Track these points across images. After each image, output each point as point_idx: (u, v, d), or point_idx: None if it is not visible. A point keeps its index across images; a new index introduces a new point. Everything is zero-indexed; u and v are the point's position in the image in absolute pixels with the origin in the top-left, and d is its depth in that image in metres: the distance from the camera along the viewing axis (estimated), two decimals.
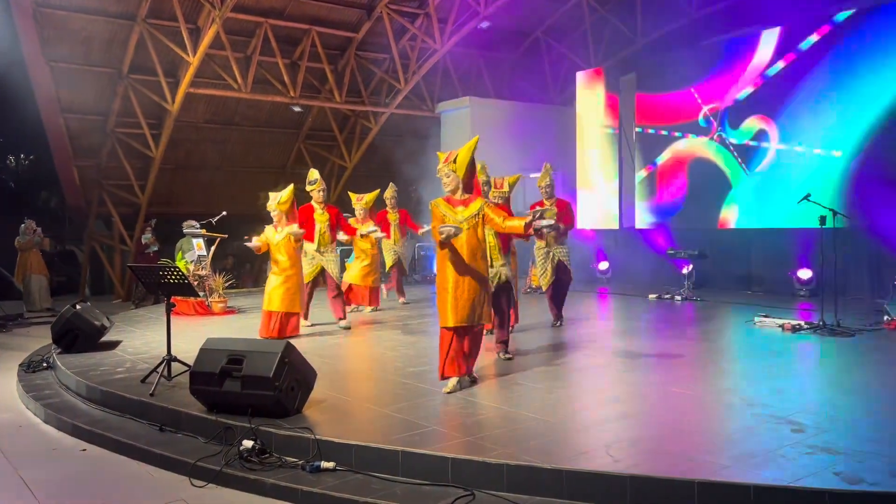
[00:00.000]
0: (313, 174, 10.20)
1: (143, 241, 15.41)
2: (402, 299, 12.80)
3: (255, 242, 9.23)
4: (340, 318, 10.22)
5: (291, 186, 9.44)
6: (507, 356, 7.69)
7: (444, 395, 6.21)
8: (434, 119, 19.19)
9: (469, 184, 6.49)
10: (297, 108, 17.78)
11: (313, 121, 19.26)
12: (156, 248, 15.38)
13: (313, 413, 5.77)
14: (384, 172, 17.08)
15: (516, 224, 6.37)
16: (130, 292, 14.99)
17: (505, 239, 7.73)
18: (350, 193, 11.76)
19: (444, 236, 6.17)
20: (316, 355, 7.71)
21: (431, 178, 17.67)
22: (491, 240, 7.44)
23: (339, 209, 10.61)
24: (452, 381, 6.38)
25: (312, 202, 10.14)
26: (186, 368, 6.60)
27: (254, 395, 5.58)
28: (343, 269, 11.46)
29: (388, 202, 12.79)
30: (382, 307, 12.15)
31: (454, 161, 6.39)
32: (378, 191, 11.79)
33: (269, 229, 9.33)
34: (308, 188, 10.15)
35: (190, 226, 12.94)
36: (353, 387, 7.01)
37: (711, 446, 4.76)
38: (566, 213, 9.54)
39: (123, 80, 15.59)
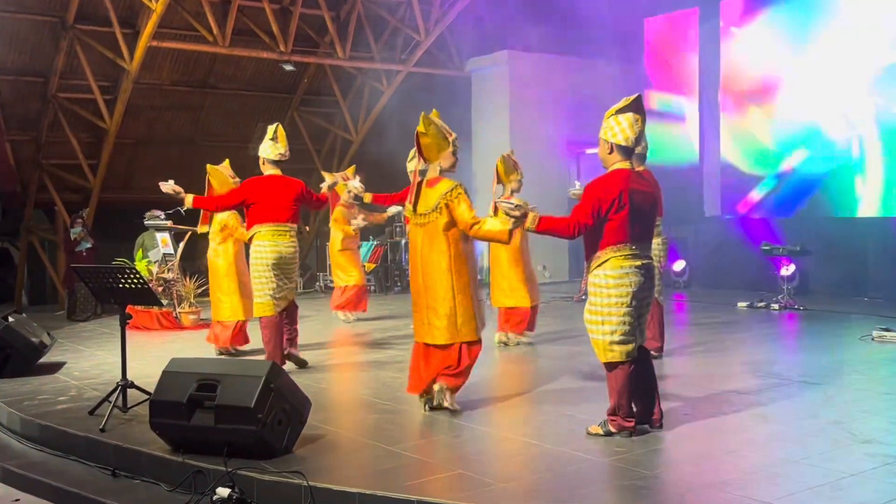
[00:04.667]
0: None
1: (73, 237, 15.47)
2: None
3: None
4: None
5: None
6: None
7: (471, 432, 6.26)
8: (463, 79, 19.19)
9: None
10: (288, 67, 17.83)
11: (310, 82, 19.34)
12: (89, 245, 15.41)
13: (306, 452, 5.82)
14: (400, 147, 17.08)
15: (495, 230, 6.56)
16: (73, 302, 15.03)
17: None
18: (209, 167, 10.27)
19: None
20: (309, 379, 7.76)
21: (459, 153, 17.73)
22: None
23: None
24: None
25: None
26: (146, 397, 6.67)
27: (231, 431, 5.62)
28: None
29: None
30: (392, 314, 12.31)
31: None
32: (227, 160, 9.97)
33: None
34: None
35: (153, 216, 13.02)
36: (356, 419, 7.06)
37: (811, 494, 4.75)
38: None
39: (68, 32, 15.71)
